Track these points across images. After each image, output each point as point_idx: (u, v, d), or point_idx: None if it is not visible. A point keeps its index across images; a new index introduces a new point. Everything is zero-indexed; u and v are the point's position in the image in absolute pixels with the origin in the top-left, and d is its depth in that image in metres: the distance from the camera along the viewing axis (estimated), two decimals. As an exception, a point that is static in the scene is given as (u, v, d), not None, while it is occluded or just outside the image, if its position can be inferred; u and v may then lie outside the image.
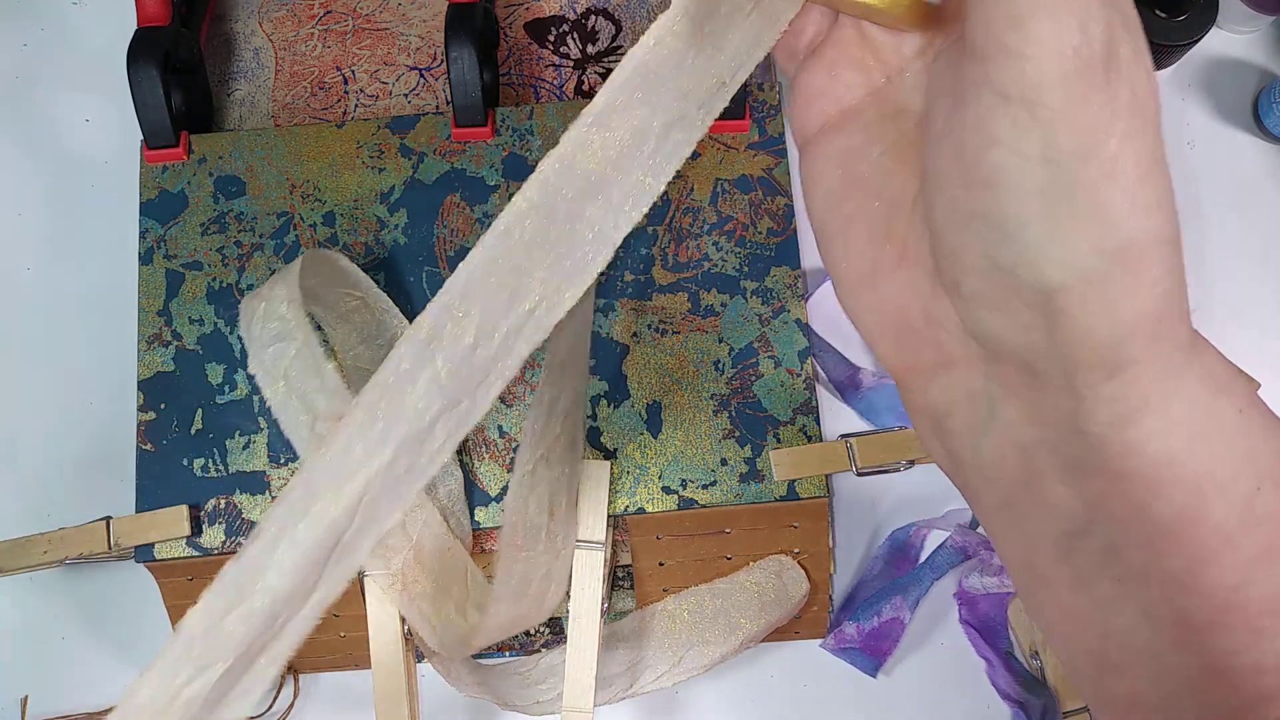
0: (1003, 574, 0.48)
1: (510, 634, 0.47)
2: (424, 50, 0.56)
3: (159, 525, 0.47)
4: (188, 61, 0.53)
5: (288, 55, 0.56)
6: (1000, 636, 0.50)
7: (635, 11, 0.56)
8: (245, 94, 0.56)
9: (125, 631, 0.53)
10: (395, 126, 0.52)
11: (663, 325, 0.48)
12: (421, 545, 0.45)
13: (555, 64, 0.56)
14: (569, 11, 0.56)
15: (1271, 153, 0.56)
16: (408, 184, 0.51)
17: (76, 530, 0.47)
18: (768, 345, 0.48)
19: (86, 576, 0.54)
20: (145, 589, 0.50)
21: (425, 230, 0.50)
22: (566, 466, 0.45)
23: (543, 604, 0.46)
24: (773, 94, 0.51)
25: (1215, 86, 0.57)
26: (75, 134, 0.59)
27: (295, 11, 0.57)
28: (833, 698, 0.50)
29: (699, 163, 0.50)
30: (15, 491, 0.55)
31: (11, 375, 0.56)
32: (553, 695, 0.46)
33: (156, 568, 0.48)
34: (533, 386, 0.48)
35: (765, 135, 0.50)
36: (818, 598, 0.48)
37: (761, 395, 0.47)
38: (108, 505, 0.51)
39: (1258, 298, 0.54)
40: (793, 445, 0.46)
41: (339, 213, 0.51)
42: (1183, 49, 0.42)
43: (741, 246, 0.49)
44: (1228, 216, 0.55)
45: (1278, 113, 0.54)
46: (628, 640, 0.47)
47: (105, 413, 0.55)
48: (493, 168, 0.51)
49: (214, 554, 0.47)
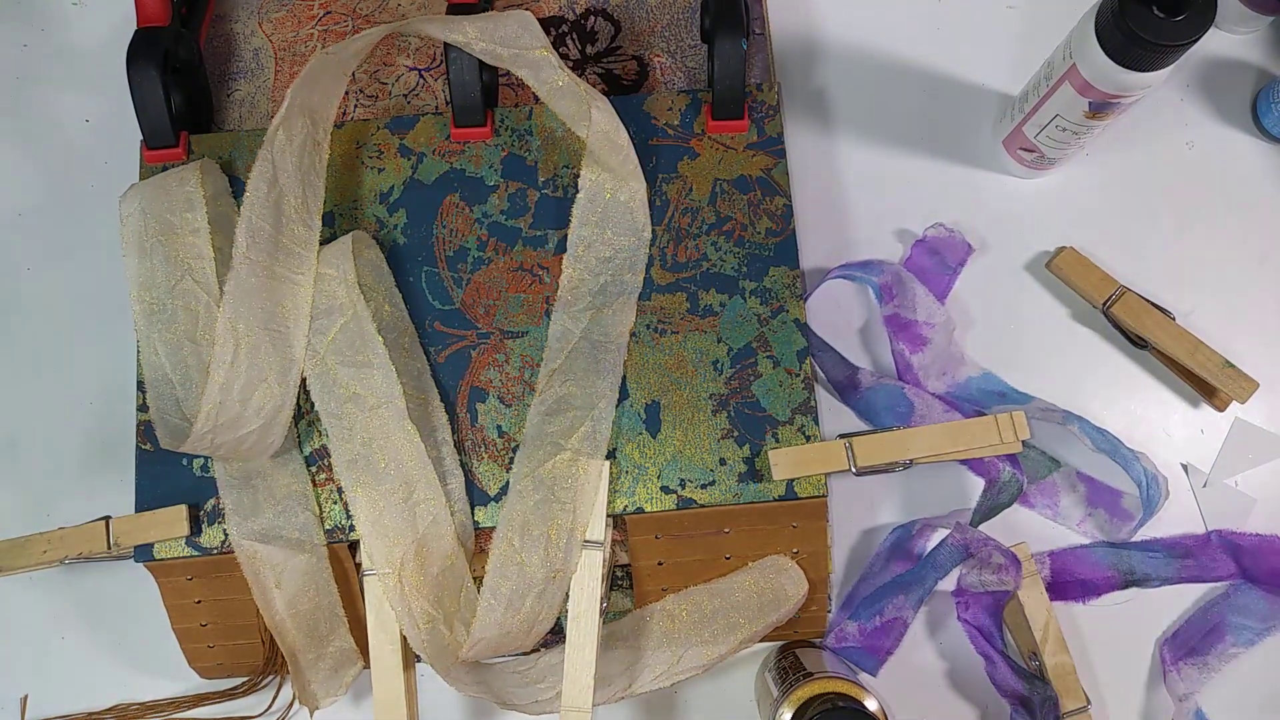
0: (1001, 572, 0.48)
1: (497, 653, 0.47)
2: (424, 51, 0.56)
3: (158, 525, 0.47)
4: (187, 62, 0.53)
5: (287, 55, 0.56)
6: (999, 635, 0.50)
7: (634, 12, 0.56)
8: (245, 94, 0.56)
9: (125, 631, 0.53)
10: (395, 127, 0.52)
11: (661, 325, 0.48)
12: (426, 543, 0.45)
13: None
14: (568, 12, 0.56)
15: (1270, 152, 0.56)
16: (407, 184, 0.51)
17: (76, 530, 0.47)
18: (766, 345, 0.48)
19: (86, 576, 0.54)
20: (145, 589, 0.50)
21: (425, 230, 0.50)
22: (569, 478, 0.45)
23: (531, 628, 0.46)
24: (771, 94, 0.51)
25: (1214, 87, 0.57)
26: (75, 134, 0.59)
27: (295, 12, 0.57)
28: (832, 697, 0.50)
29: (698, 163, 0.50)
30: (15, 491, 0.55)
31: (11, 375, 0.56)
32: (551, 694, 0.47)
33: (156, 567, 0.48)
34: (532, 386, 0.48)
35: (764, 136, 0.50)
36: (816, 597, 0.48)
37: (760, 395, 0.47)
38: (107, 505, 0.51)
39: (1258, 298, 0.54)
40: (791, 445, 0.46)
41: (338, 213, 0.51)
42: (1181, 49, 0.42)
43: (740, 247, 0.49)
44: (1227, 216, 0.55)
45: (1276, 113, 0.54)
46: (627, 640, 0.47)
47: (105, 413, 0.55)
48: (492, 168, 0.51)
49: (213, 553, 0.47)
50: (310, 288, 0.47)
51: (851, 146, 0.57)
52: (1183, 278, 0.54)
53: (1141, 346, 0.53)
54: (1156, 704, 0.51)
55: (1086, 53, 0.44)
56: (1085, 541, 0.52)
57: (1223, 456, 0.53)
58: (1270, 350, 0.54)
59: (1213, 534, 0.52)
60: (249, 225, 0.45)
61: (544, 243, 0.50)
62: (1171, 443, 0.53)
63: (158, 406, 0.47)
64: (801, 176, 0.56)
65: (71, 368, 0.56)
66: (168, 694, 0.53)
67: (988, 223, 0.55)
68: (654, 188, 0.50)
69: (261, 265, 0.45)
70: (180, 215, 0.47)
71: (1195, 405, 0.53)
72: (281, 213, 0.46)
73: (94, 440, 0.55)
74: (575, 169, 0.50)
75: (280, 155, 0.46)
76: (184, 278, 0.47)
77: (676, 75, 0.55)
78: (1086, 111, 0.47)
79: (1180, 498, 0.52)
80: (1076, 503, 0.52)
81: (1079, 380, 0.54)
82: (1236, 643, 0.50)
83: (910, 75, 0.58)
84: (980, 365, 0.53)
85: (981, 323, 0.54)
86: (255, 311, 0.45)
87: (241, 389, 0.45)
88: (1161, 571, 0.51)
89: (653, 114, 0.51)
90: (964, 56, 0.58)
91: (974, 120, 0.57)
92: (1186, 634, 0.51)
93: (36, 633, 0.54)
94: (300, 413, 0.48)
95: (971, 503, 0.52)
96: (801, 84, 0.58)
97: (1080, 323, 0.54)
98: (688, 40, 0.55)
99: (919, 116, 0.57)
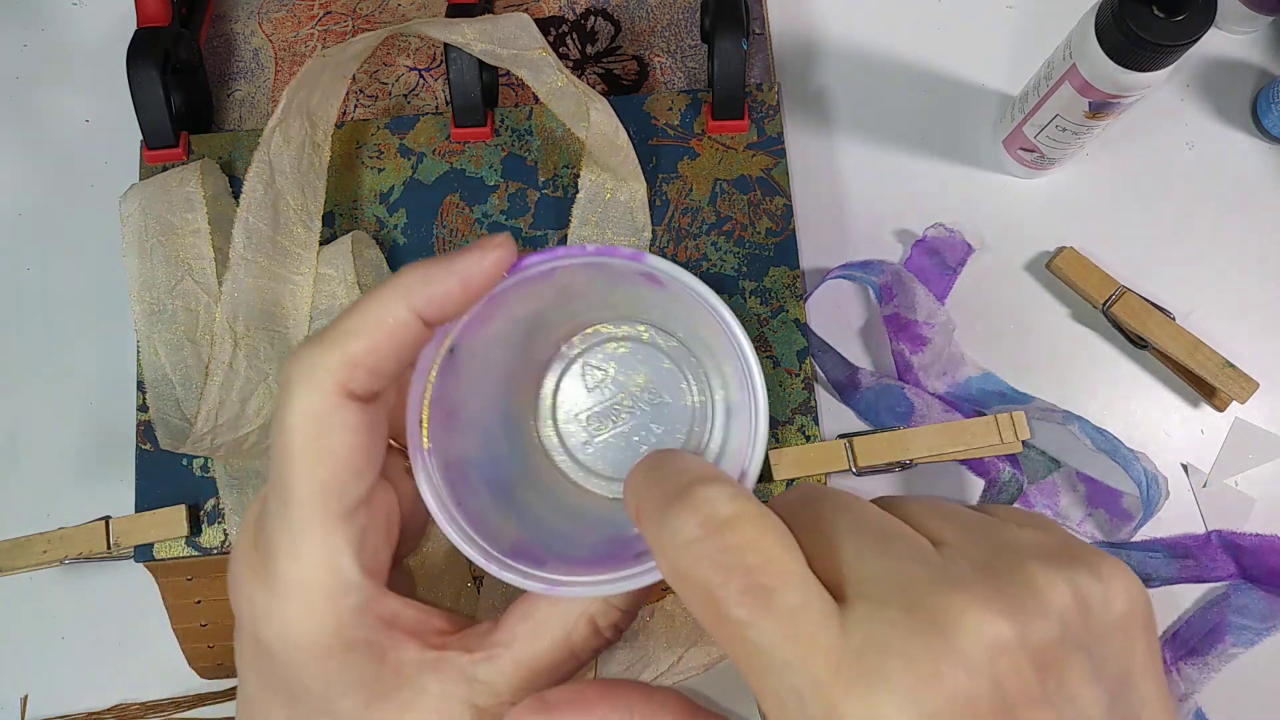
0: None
1: None
2: (424, 51, 0.56)
3: (158, 525, 0.47)
4: (187, 62, 0.53)
5: (287, 56, 0.56)
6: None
7: (634, 12, 0.56)
8: (245, 94, 0.56)
9: (125, 631, 0.53)
10: (395, 127, 0.52)
11: (662, 325, 0.48)
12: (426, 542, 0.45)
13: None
14: (568, 12, 0.56)
15: (1270, 153, 0.56)
16: (407, 184, 0.51)
17: (76, 530, 0.47)
18: (766, 345, 0.48)
19: (86, 576, 0.54)
20: (145, 589, 0.50)
21: (425, 230, 0.50)
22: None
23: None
24: (771, 94, 0.51)
25: (1214, 87, 0.57)
26: (75, 134, 0.59)
27: (295, 12, 0.57)
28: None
29: (698, 163, 0.50)
30: (15, 491, 0.55)
31: (11, 375, 0.56)
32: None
33: (156, 567, 0.48)
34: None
35: (764, 135, 0.50)
36: (817, 597, 0.48)
37: (760, 395, 0.47)
38: (107, 505, 0.51)
39: (1257, 298, 0.54)
40: (792, 445, 0.46)
41: (339, 213, 0.51)
42: (1181, 49, 0.42)
43: (740, 247, 0.49)
44: (1227, 217, 0.55)
45: (1276, 113, 0.54)
46: (627, 640, 0.47)
47: (105, 413, 0.55)
48: (492, 168, 0.51)
49: (213, 553, 0.47)
50: (310, 288, 0.47)
51: (851, 146, 0.57)
52: (1183, 278, 0.54)
53: (1141, 346, 0.53)
54: (1156, 704, 0.51)
55: (1086, 53, 0.44)
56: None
57: (1222, 456, 0.53)
58: (1270, 350, 0.54)
59: (1213, 534, 0.52)
60: (246, 226, 0.45)
61: (544, 243, 0.50)
62: (1171, 443, 0.53)
63: (158, 407, 0.47)
64: (801, 176, 0.56)
65: (71, 368, 0.56)
66: (168, 694, 0.53)
67: (988, 223, 0.55)
68: (654, 188, 0.50)
69: (260, 266, 0.45)
70: (180, 215, 0.47)
71: (1195, 405, 0.53)
72: (279, 214, 0.46)
73: (94, 440, 0.55)
74: (575, 169, 0.50)
75: (277, 156, 0.46)
76: (184, 278, 0.47)
77: (676, 75, 0.55)
78: (1086, 111, 0.47)
79: (1180, 498, 0.52)
80: (1076, 503, 0.52)
81: (1079, 380, 0.54)
82: (1236, 643, 0.50)
83: (910, 75, 0.58)
84: (980, 365, 0.53)
85: (981, 323, 0.54)
86: (254, 311, 0.45)
87: (241, 389, 0.45)
88: (1161, 571, 0.51)
89: (653, 114, 0.51)
90: (964, 56, 0.58)
91: (974, 120, 0.57)
92: (1186, 634, 0.51)
93: (36, 633, 0.54)
94: None
95: (971, 503, 0.51)
96: (801, 84, 0.58)
97: (1080, 323, 0.54)
98: (688, 40, 0.55)
99: (919, 116, 0.57)
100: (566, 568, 0.27)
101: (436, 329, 0.26)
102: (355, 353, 0.24)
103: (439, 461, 0.27)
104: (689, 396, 0.34)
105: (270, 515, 0.24)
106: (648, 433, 0.34)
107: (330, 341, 0.24)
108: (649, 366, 0.34)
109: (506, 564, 0.26)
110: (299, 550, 0.23)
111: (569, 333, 0.34)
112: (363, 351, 0.24)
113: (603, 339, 0.35)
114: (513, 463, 0.32)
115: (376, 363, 0.24)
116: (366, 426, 0.24)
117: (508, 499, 0.30)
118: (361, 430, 0.24)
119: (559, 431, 0.34)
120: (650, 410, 0.34)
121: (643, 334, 0.34)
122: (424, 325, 0.25)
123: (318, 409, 0.23)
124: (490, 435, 0.31)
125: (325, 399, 0.23)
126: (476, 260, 0.25)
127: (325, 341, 0.24)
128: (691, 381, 0.34)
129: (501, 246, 0.25)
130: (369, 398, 0.24)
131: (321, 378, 0.23)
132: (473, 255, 0.25)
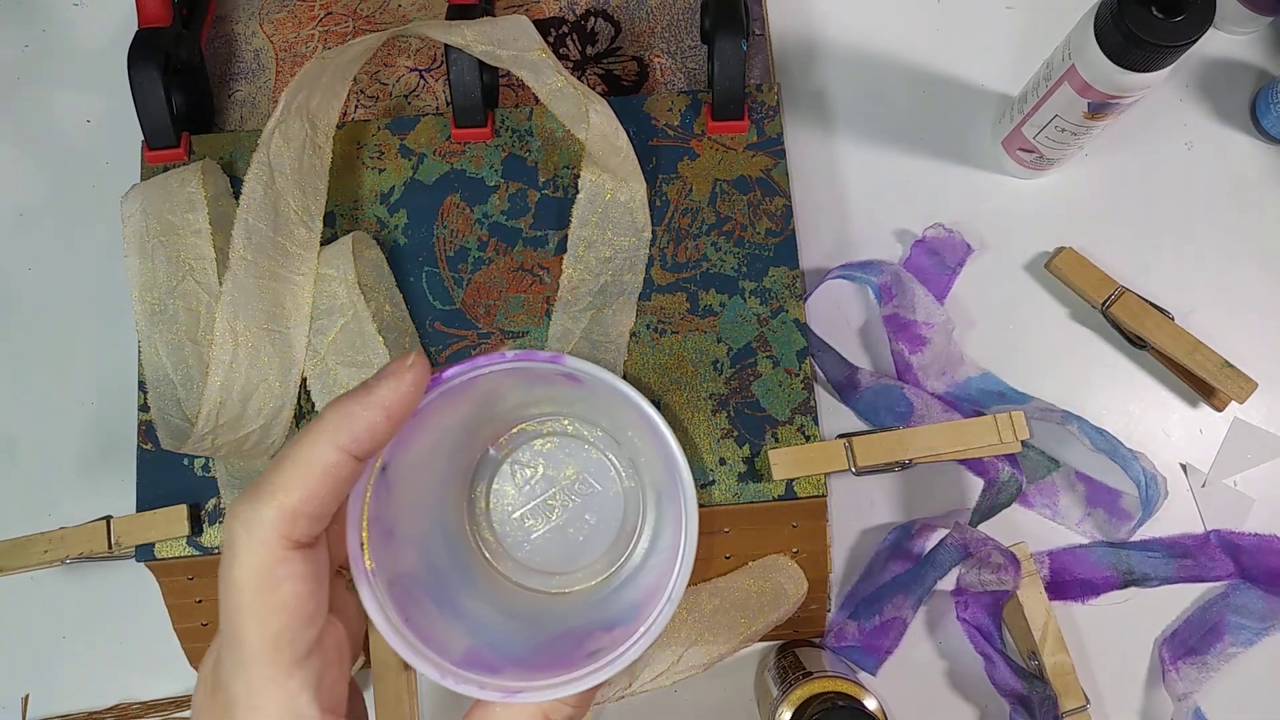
0: (1000, 571, 0.48)
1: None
2: (424, 51, 0.56)
3: (159, 524, 0.47)
4: (188, 62, 0.53)
5: (288, 56, 0.56)
6: (998, 634, 0.50)
7: (635, 12, 0.56)
8: (245, 95, 0.56)
9: (125, 631, 0.53)
10: (395, 127, 0.52)
11: (661, 325, 0.48)
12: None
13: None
14: (568, 13, 0.56)
15: (1269, 153, 0.56)
16: (408, 184, 0.51)
17: (76, 530, 0.47)
18: (766, 345, 0.48)
19: (86, 576, 0.54)
20: (145, 588, 0.50)
21: (425, 231, 0.50)
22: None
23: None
24: (771, 95, 0.51)
25: (1213, 87, 0.57)
26: (75, 134, 0.59)
27: (295, 13, 0.57)
28: (831, 697, 0.50)
29: (698, 163, 0.50)
30: (15, 491, 0.55)
31: (12, 375, 0.56)
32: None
33: (156, 567, 0.48)
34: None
35: (764, 136, 0.50)
36: (816, 596, 0.48)
37: (760, 395, 0.47)
38: (108, 505, 0.52)
39: (1256, 298, 0.54)
40: (791, 445, 0.46)
41: (339, 213, 0.51)
42: (1180, 50, 0.42)
43: (740, 247, 0.49)
44: (1226, 217, 0.55)
45: (1275, 113, 0.54)
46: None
47: (105, 413, 0.55)
48: (492, 168, 0.51)
49: (214, 553, 0.47)
50: (311, 288, 0.47)
51: (851, 146, 0.57)
52: (1182, 278, 0.54)
53: (1140, 346, 0.53)
54: (1155, 703, 0.51)
55: (1086, 53, 0.44)
56: (1084, 541, 0.52)
57: (1221, 456, 0.53)
58: (1270, 350, 0.54)
59: (1211, 534, 0.52)
60: (245, 227, 0.45)
61: (544, 243, 0.50)
62: (1170, 443, 0.53)
63: (159, 407, 0.47)
64: (801, 176, 0.56)
65: (71, 368, 0.56)
66: (168, 694, 0.53)
67: (987, 223, 0.55)
68: (654, 188, 0.50)
69: (260, 266, 0.45)
70: (182, 216, 0.47)
71: (1194, 405, 0.54)
72: (280, 214, 0.46)
73: (94, 440, 0.55)
74: (575, 169, 0.50)
75: (277, 157, 0.46)
76: (185, 278, 0.47)
77: (676, 76, 0.55)
78: (1086, 112, 0.47)
79: (1179, 497, 0.52)
80: (1075, 502, 0.53)
81: (1078, 380, 0.54)
82: (1235, 642, 0.50)
83: (910, 76, 0.58)
84: (980, 365, 0.54)
85: (981, 323, 0.54)
86: (254, 312, 0.45)
87: (242, 389, 0.45)
88: (1160, 571, 0.51)
89: (653, 115, 0.51)
90: (964, 57, 0.58)
91: (974, 120, 0.57)
92: (1185, 633, 0.51)
93: (36, 633, 0.54)
94: (301, 413, 0.48)
95: (971, 503, 0.52)
96: (801, 84, 0.58)
97: (1079, 323, 0.54)
98: (688, 41, 0.55)
99: (919, 117, 0.57)
100: (520, 671, 0.27)
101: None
102: (293, 504, 0.24)
103: (383, 580, 0.28)
104: (619, 483, 0.35)
105: (225, 667, 0.24)
106: (582, 524, 0.35)
107: (269, 495, 0.24)
108: (576, 458, 0.35)
109: (461, 676, 0.27)
110: (257, 703, 0.24)
111: (494, 434, 0.35)
112: (300, 501, 0.24)
113: (529, 437, 0.35)
114: (455, 572, 0.32)
115: (316, 509, 0.24)
116: (313, 573, 0.24)
117: (454, 608, 0.30)
118: (309, 578, 0.24)
119: (495, 534, 0.34)
120: (582, 501, 0.35)
121: (567, 427, 0.35)
122: (356, 460, 0.25)
123: (263, 563, 0.23)
124: (430, 547, 0.31)
125: (270, 552, 0.24)
126: (394, 386, 0.25)
127: (264, 495, 0.24)
128: (620, 467, 0.35)
129: (414, 368, 0.26)
130: (313, 542, 0.25)
131: (264, 532, 0.24)
132: (388, 382, 0.25)
